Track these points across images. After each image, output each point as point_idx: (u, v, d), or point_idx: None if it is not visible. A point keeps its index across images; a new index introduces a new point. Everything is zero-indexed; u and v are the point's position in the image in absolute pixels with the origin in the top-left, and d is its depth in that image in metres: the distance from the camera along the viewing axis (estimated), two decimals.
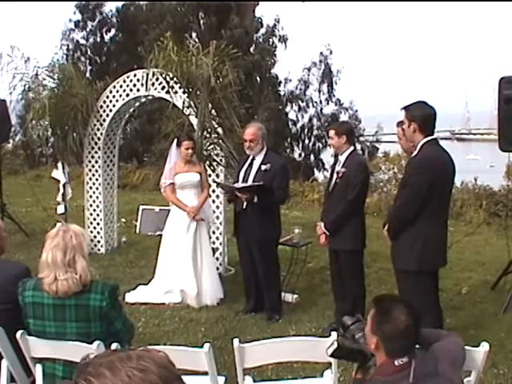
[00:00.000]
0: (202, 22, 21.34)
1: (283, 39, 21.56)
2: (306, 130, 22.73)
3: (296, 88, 22.47)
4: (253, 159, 6.66)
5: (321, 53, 22.10)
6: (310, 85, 22.47)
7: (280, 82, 22.35)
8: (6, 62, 8.74)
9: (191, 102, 7.62)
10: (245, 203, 6.51)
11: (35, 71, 8.97)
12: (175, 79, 7.73)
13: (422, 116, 4.88)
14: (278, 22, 21.56)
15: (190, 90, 7.54)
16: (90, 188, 9.40)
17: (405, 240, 4.96)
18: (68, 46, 22.67)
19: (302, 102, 22.53)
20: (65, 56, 21.89)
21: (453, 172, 5.03)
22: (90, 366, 1.31)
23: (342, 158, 6.13)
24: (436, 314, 5.10)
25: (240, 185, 6.59)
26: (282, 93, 22.35)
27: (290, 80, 22.54)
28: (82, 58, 22.92)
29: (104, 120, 9.11)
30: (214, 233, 8.25)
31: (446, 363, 2.70)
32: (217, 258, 8.13)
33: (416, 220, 4.86)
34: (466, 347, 3.27)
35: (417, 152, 4.91)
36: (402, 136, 5.37)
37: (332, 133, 6.18)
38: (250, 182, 6.55)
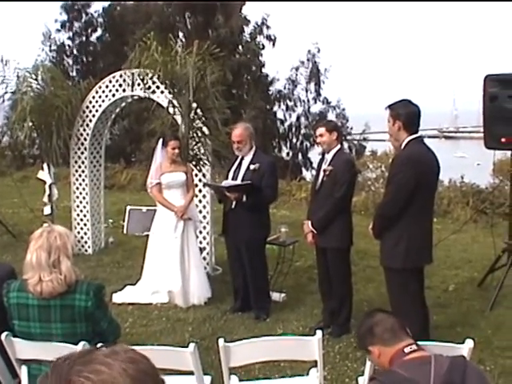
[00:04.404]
0: (188, 21, 21.32)
1: (270, 38, 21.57)
2: (293, 129, 22.74)
3: (284, 87, 22.49)
4: (242, 159, 6.66)
5: (309, 51, 22.11)
6: (298, 84, 22.49)
7: (270, 82, 22.35)
8: None
9: (175, 102, 7.61)
10: (234, 202, 6.52)
11: (16, 73, 8.91)
12: (159, 79, 7.72)
13: (406, 114, 4.90)
14: (266, 20, 21.57)
15: (175, 89, 7.53)
16: (77, 189, 9.37)
17: (390, 238, 4.97)
18: (50, 46, 22.57)
19: (290, 101, 22.53)
20: (48, 57, 21.80)
21: (437, 170, 5.05)
22: (77, 364, 1.29)
23: (328, 157, 6.10)
24: (422, 312, 5.13)
25: (228, 184, 6.60)
26: (270, 92, 22.35)
27: (278, 79, 22.56)
28: (68, 59, 22.84)
29: (90, 120, 9.08)
30: (200, 232, 8.24)
31: (475, 380, 2.59)
32: (204, 258, 8.12)
33: (400, 218, 4.87)
34: (451, 344, 3.29)
35: (401, 150, 4.93)
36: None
37: (322, 130, 6.11)
38: (238, 182, 6.56)
